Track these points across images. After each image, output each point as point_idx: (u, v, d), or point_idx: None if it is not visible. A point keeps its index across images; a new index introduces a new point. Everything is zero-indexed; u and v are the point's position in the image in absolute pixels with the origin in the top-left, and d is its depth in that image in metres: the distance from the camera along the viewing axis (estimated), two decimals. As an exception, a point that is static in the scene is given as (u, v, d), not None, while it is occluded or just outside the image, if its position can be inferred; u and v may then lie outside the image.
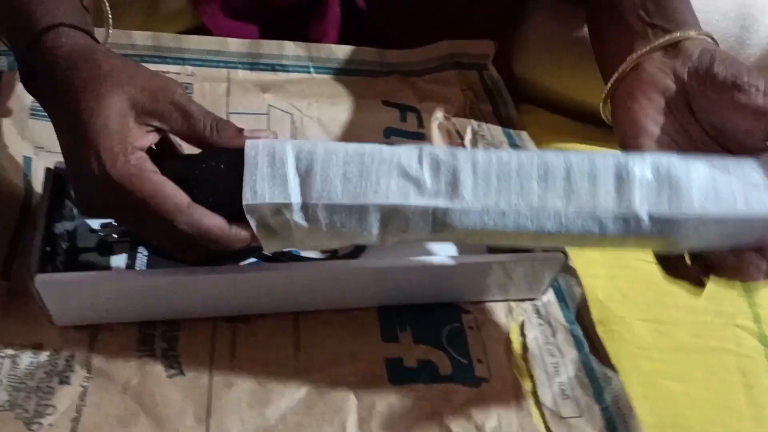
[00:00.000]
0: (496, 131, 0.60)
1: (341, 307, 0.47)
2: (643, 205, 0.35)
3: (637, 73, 0.43)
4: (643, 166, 0.36)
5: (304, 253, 0.48)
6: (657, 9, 0.44)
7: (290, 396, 0.42)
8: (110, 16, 0.44)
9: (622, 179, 0.36)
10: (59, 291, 0.41)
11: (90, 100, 0.35)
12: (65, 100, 0.36)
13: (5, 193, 0.47)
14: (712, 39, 0.43)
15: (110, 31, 0.45)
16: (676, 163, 0.36)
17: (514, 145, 0.59)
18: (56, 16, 0.38)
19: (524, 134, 0.60)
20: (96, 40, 0.40)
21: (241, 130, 0.37)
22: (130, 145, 0.35)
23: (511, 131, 0.60)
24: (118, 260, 0.45)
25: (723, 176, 0.36)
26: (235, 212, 0.36)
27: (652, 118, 0.41)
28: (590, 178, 0.36)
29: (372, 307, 0.48)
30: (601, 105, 0.46)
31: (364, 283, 0.46)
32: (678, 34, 0.42)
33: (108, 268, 0.44)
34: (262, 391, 0.42)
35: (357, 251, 0.49)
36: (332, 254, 0.49)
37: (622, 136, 0.42)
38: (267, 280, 0.44)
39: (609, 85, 0.45)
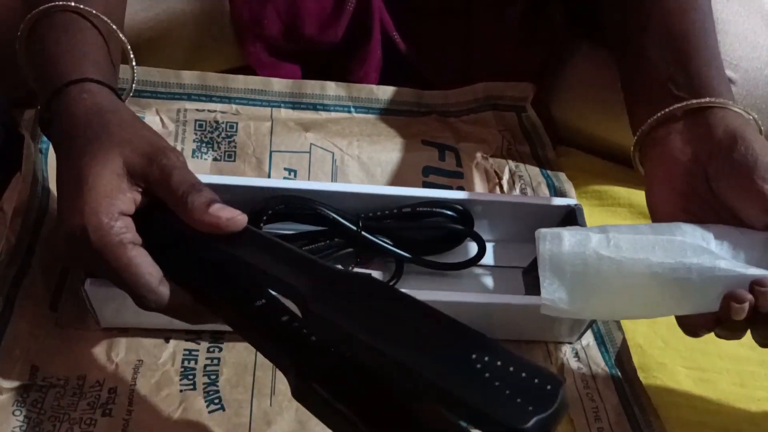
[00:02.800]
0: (533, 172, 0.60)
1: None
2: None
3: (662, 147, 0.44)
4: None
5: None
6: (686, 81, 0.44)
7: (330, 436, 0.42)
8: (133, 61, 0.46)
9: None
10: (105, 294, 0.42)
11: (88, 159, 0.36)
12: (69, 153, 0.37)
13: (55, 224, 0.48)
14: (746, 112, 0.43)
15: (135, 71, 0.46)
16: None
17: (552, 185, 0.59)
18: (82, 71, 0.40)
19: (562, 175, 0.60)
20: (117, 95, 0.41)
21: (209, 204, 0.35)
22: (117, 211, 0.35)
23: (549, 172, 0.60)
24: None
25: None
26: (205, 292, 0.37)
27: (670, 193, 0.43)
28: None
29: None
30: (632, 156, 0.48)
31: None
32: (703, 101, 0.43)
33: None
34: (301, 431, 0.42)
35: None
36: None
37: (648, 202, 0.45)
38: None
39: (632, 147, 0.47)
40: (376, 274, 0.50)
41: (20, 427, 0.40)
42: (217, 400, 0.43)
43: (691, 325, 0.41)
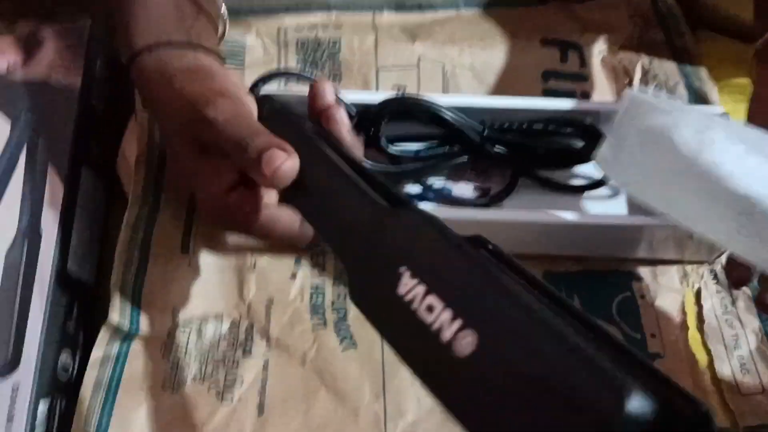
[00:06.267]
0: (670, 69, 0.53)
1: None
2: None
3: None
4: None
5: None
6: None
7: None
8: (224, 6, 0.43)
9: None
10: None
11: (168, 154, 0.37)
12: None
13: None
14: None
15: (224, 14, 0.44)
16: None
17: (691, 86, 0.52)
18: (133, 44, 0.37)
19: (703, 73, 0.53)
20: (186, 44, 0.38)
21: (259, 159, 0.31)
22: (219, 192, 0.34)
23: (689, 68, 0.53)
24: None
25: None
26: None
27: None
28: None
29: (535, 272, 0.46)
30: None
31: (526, 235, 0.44)
32: None
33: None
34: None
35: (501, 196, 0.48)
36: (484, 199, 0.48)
37: None
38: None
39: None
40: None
41: (171, 369, 0.42)
42: (349, 337, 0.44)
43: None
